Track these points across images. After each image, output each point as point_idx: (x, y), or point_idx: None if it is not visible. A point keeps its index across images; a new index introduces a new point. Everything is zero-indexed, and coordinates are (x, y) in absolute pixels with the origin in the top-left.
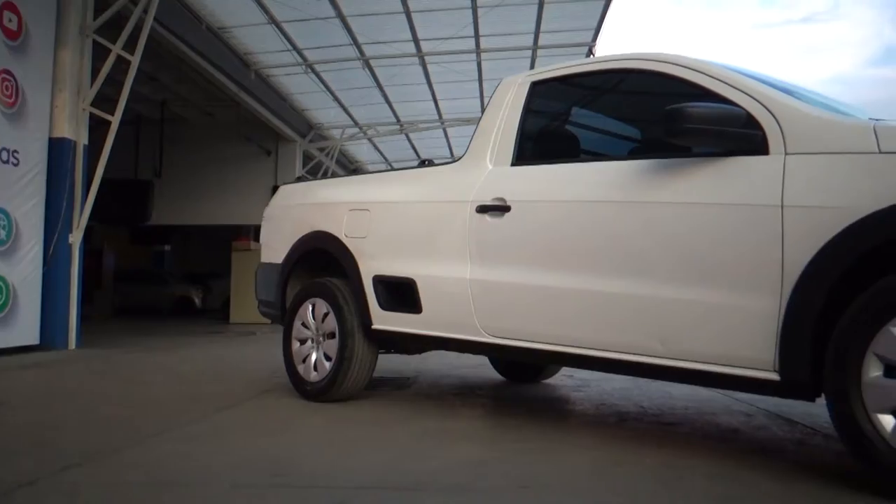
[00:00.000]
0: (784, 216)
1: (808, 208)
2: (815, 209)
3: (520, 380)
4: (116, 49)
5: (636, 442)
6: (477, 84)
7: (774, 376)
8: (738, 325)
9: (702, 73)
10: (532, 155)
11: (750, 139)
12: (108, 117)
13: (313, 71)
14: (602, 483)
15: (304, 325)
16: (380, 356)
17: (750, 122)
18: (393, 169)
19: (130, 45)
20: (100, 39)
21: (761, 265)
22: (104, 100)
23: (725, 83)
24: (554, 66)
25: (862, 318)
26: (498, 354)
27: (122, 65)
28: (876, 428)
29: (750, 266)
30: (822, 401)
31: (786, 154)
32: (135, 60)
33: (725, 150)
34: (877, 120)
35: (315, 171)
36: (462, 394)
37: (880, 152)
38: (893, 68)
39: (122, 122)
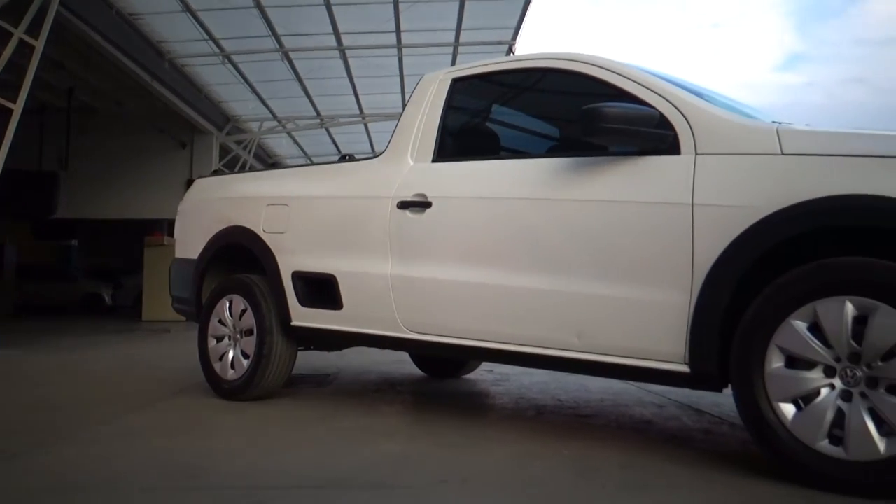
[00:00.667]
0: (694, 214)
1: (717, 207)
2: (723, 208)
3: (440, 375)
4: (18, 33)
5: (554, 434)
6: (398, 79)
7: (685, 368)
8: (650, 319)
9: (617, 73)
10: (453, 151)
11: (663, 139)
12: (10, 105)
13: (230, 62)
14: (520, 476)
15: (220, 322)
16: (299, 353)
17: (663, 122)
18: (313, 164)
19: (34, 30)
20: (1, 23)
21: (673, 262)
22: (6, 87)
23: (640, 84)
24: (475, 64)
25: (765, 312)
26: (419, 350)
27: (25, 50)
28: (778, 416)
29: (662, 263)
30: (728, 391)
31: (696, 154)
32: (39, 45)
33: (640, 150)
34: (779, 123)
35: (232, 165)
36: (382, 390)
37: (782, 154)
38: (795, 74)
39: (25, 111)
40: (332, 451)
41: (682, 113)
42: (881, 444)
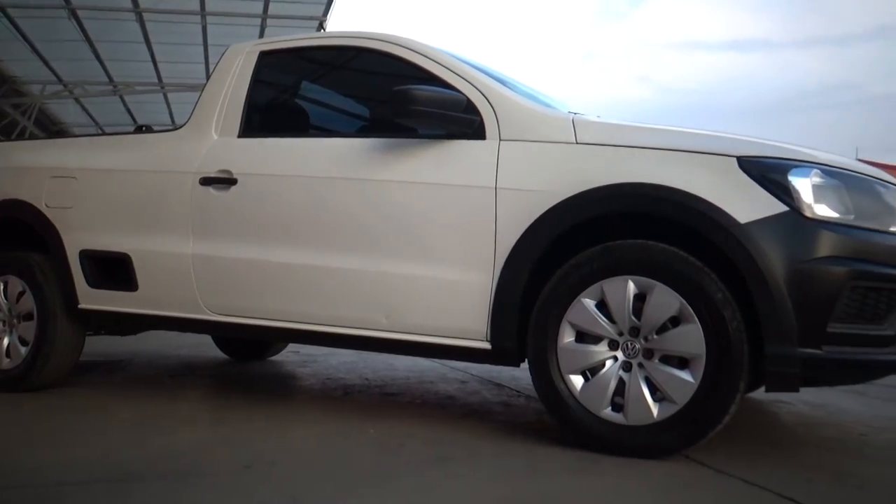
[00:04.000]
0: (497, 198)
1: (518, 191)
2: (524, 192)
3: (245, 358)
4: None
5: (361, 413)
6: (202, 49)
7: (486, 345)
8: (455, 299)
9: (427, 57)
10: (260, 127)
11: (469, 124)
12: None
13: (6, 15)
14: (328, 455)
15: None
16: (89, 339)
17: (470, 107)
18: (105, 133)
19: None
20: None
21: (477, 243)
22: None
23: (449, 69)
24: (284, 38)
25: (559, 291)
26: (222, 332)
27: None
28: (568, 387)
29: (467, 244)
30: (525, 366)
31: (500, 140)
32: None
33: (447, 133)
34: (574, 113)
35: (8, 132)
36: (182, 375)
37: (577, 143)
38: (590, 68)
39: None
40: (127, 441)
41: (487, 99)
42: (655, 409)
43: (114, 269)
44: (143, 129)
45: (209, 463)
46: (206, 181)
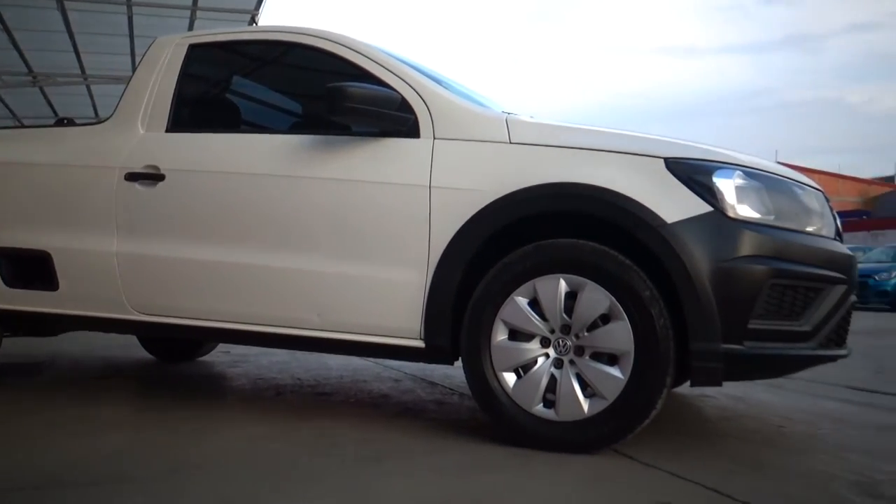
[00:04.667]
0: (431, 196)
1: (452, 190)
2: (458, 191)
3: (173, 359)
4: None
5: (293, 414)
6: (128, 40)
7: (420, 344)
8: (389, 297)
9: (362, 54)
10: (189, 122)
11: (404, 122)
12: None
13: None
14: (259, 457)
15: None
16: (6, 340)
17: (404, 106)
18: (23, 126)
19: None
20: None
21: (411, 241)
22: None
23: (383, 67)
24: (215, 31)
25: (493, 289)
26: (149, 333)
27: None
28: (501, 385)
29: (401, 242)
30: (459, 364)
31: (434, 138)
32: None
33: (382, 132)
34: (509, 113)
35: None
36: (107, 377)
37: (510, 143)
38: (530, 67)
39: None
40: (48, 446)
41: (422, 98)
42: (585, 404)
43: (33, 268)
44: (65, 121)
45: (133, 467)
46: (132, 177)
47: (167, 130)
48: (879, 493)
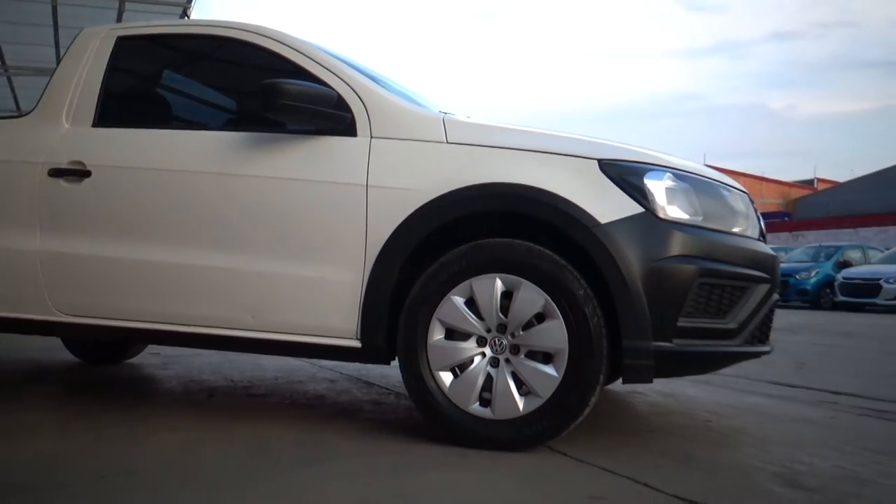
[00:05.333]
0: (368, 196)
1: (389, 189)
2: (394, 190)
3: (99, 361)
4: None
5: (227, 416)
6: (52, 31)
7: (357, 343)
8: (325, 297)
9: (298, 51)
10: (117, 117)
11: (340, 120)
12: None
13: None
14: (191, 461)
15: None
16: None
17: (341, 104)
18: None
19: None
20: None
21: (347, 241)
22: None
23: (319, 64)
24: (145, 24)
25: (429, 289)
26: (74, 334)
27: None
28: (438, 384)
29: (337, 241)
30: (395, 364)
31: (371, 137)
32: None
33: (318, 129)
34: (445, 113)
35: None
36: (29, 381)
37: (447, 142)
38: (468, 66)
39: None
40: None
41: (359, 96)
42: (521, 403)
43: None
44: None
45: (60, 474)
46: (56, 172)
47: (94, 125)
48: (800, 483)
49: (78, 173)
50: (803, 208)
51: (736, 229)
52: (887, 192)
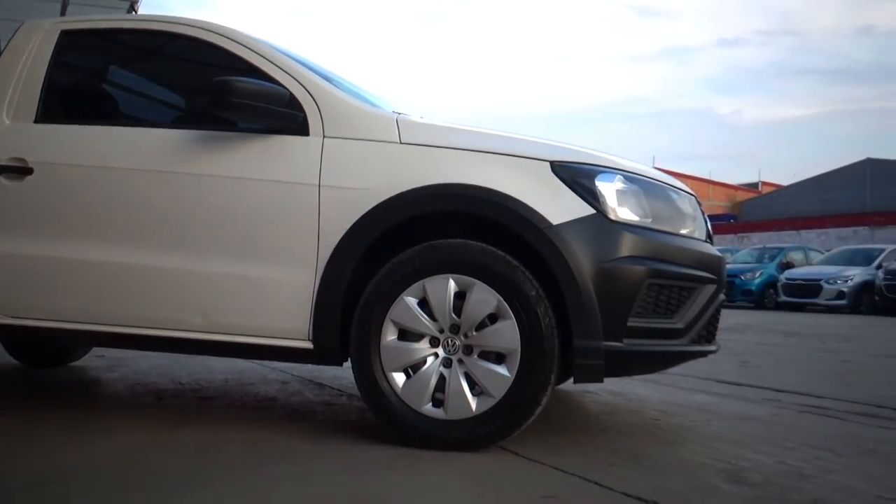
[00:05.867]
0: (321, 195)
1: (342, 189)
2: (347, 190)
3: (41, 364)
4: None
5: (175, 419)
6: None
7: (309, 345)
8: (276, 298)
9: (250, 48)
10: (61, 113)
11: (293, 119)
12: None
13: None
14: (138, 466)
15: None
16: None
17: (293, 103)
18: None
19: None
20: None
21: (299, 241)
22: None
23: (272, 62)
24: (91, 18)
25: (382, 289)
26: (15, 336)
27: None
28: (391, 384)
29: (289, 242)
30: (348, 365)
31: (324, 137)
32: None
33: (270, 128)
34: (399, 113)
35: None
36: None
37: (401, 143)
38: (418, 68)
39: None
40: None
41: (311, 95)
42: (473, 403)
43: None
44: None
45: None
46: None
47: (36, 121)
48: (744, 480)
49: (19, 171)
50: (748, 211)
51: (684, 231)
52: (828, 196)
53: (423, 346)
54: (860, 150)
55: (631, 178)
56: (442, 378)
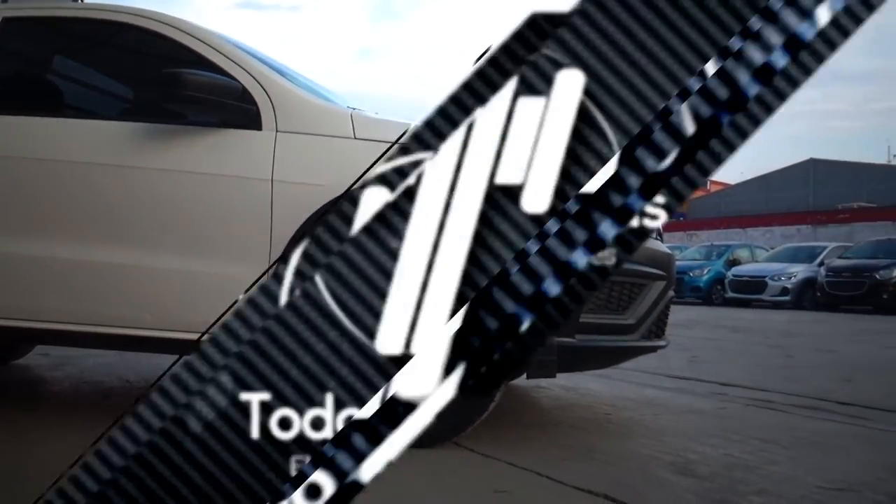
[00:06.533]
0: (273, 190)
1: (295, 184)
2: (301, 185)
3: None
4: None
5: None
6: None
7: None
8: (229, 294)
9: (201, 40)
10: (2, 104)
11: (245, 113)
12: None
13: None
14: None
15: None
16: None
17: (245, 96)
18: None
19: None
20: None
21: (252, 236)
22: None
23: (224, 55)
24: (35, 4)
25: None
26: None
27: None
28: None
29: (242, 237)
30: None
31: (277, 131)
32: None
33: (221, 122)
34: (353, 109)
35: None
36: None
37: (355, 138)
38: (367, 66)
39: None
40: None
41: (265, 89)
42: None
43: None
44: None
45: None
46: None
47: None
48: (692, 472)
49: None
50: (697, 209)
51: None
52: (773, 195)
53: None
54: (804, 151)
55: None
56: None
